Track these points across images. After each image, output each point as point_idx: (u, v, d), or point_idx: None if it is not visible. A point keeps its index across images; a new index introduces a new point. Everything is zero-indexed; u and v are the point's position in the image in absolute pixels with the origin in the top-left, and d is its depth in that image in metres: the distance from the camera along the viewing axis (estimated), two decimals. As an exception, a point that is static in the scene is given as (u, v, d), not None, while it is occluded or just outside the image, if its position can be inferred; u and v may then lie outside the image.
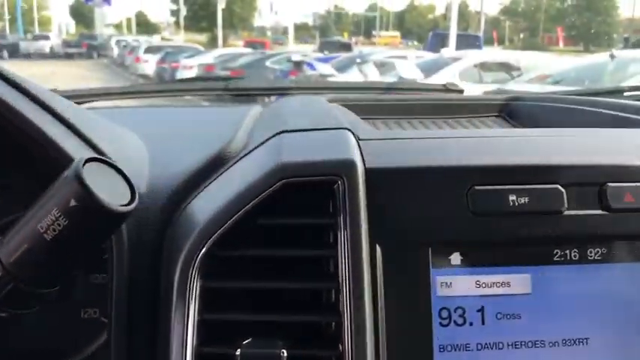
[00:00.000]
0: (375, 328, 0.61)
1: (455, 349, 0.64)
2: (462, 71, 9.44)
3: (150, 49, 21.59)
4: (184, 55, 17.83)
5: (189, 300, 0.61)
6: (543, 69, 8.58)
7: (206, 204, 0.67)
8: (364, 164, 0.65)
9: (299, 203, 0.64)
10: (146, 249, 0.66)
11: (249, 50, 21.89)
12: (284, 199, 0.64)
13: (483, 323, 0.65)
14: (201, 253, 0.62)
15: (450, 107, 1.20)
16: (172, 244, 0.65)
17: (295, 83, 1.45)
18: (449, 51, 13.12)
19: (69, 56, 30.33)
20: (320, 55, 17.05)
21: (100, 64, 26.72)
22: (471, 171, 0.65)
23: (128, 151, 0.77)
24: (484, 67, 10.10)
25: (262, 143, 0.72)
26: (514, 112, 1.21)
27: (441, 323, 0.64)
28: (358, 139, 0.70)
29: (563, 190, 0.65)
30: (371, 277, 0.62)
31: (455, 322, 0.64)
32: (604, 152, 0.69)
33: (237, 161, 0.73)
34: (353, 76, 9.82)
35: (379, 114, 1.14)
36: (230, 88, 1.41)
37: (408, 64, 10.26)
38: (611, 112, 0.97)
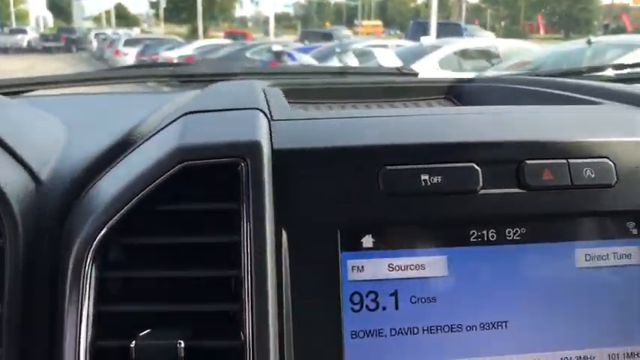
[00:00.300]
0: (280, 316, 0.58)
1: (367, 335, 0.62)
2: (441, 59, 9.43)
3: (129, 42, 21.35)
4: (164, 48, 17.66)
5: (83, 291, 0.58)
6: (522, 56, 8.60)
7: (105, 189, 0.63)
8: (271, 145, 0.62)
9: (203, 188, 0.61)
10: (44, 237, 0.63)
11: (229, 41, 21.76)
12: (188, 183, 0.61)
13: (397, 308, 0.62)
14: (96, 241, 0.58)
15: (399, 90, 1.18)
16: (69, 232, 0.62)
17: (244, 69, 1.41)
18: (429, 39, 13.09)
19: (47, 50, 29.88)
20: (300, 45, 16.97)
21: (79, 57, 26.36)
22: (382, 150, 0.62)
23: (35, 139, 0.73)
24: (464, 54, 10.10)
25: (167, 125, 0.69)
26: (461, 93, 1.19)
27: (352, 309, 0.62)
28: (270, 120, 0.67)
29: (478, 168, 0.63)
30: (276, 263, 0.59)
31: (367, 307, 0.62)
32: (523, 129, 0.67)
33: (141, 144, 0.70)
34: (332, 65, 9.78)
35: (325, 98, 1.11)
36: (176, 74, 1.37)
37: (387, 52, 10.21)
38: (553, 91, 0.95)
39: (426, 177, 0.62)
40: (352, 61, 9.74)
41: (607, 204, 0.64)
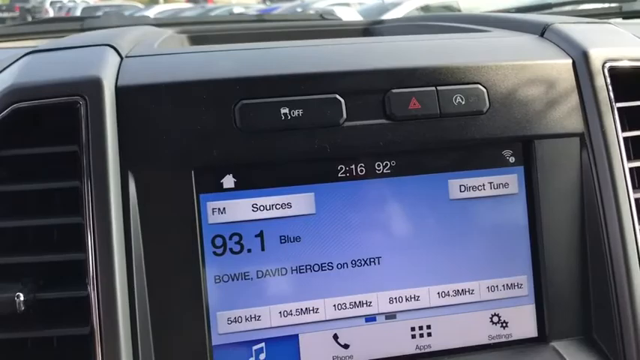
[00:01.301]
0: (130, 263, 0.55)
1: (232, 279, 0.59)
2: (404, 15, 9.33)
3: (87, 10, 20.64)
4: (123, 14, 17.09)
5: None
6: (485, 9, 8.55)
7: None
8: (116, 82, 0.57)
9: (41, 130, 0.57)
10: None
11: (190, 5, 21.18)
12: (28, 125, 0.56)
13: (263, 249, 0.60)
14: None
15: (314, 33, 1.13)
16: None
17: (154, 20, 1.34)
18: (391, -5, 12.90)
19: (1, 21, 28.80)
20: (263, 6, 16.60)
21: (35, 27, 25.37)
22: (237, 83, 0.58)
23: None
24: (426, 10, 10.00)
25: (9, 65, 0.64)
26: (373, 33, 1.15)
27: (214, 252, 0.59)
28: (122, 57, 0.62)
29: (342, 99, 0.60)
30: (123, 208, 0.55)
31: (231, 250, 0.59)
32: (389, 57, 0.63)
33: None
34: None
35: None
36: (85, 28, 1.30)
37: (349, 10, 10.06)
38: (451, 24, 0.91)
39: (286, 110, 0.58)
40: (313, 21, 9.56)
41: (480, 132, 0.61)
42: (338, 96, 0.59)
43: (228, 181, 0.59)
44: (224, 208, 0.59)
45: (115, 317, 0.53)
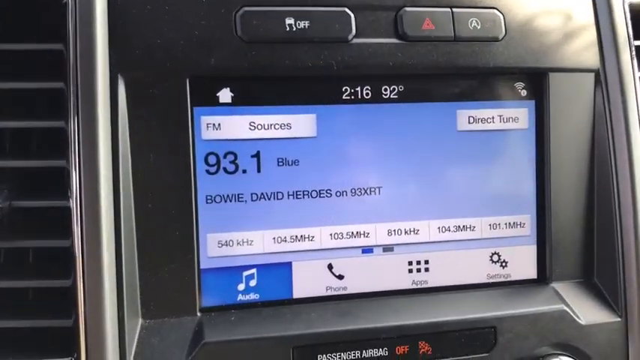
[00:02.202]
0: (116, 174, 0.51)
1: (225, 200, 0.55)
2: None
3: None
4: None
5: None
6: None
7: None
8: None
9: (25, 27, 0.52)
10: None
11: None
12: (8, 22, 0.51)
13: (259, 171, 0.56)
14: None
15: None
16: None
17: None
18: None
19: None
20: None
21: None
22: None
23: None
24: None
25: None
26: None
27: (207, 171, 0.55)
28: None
29: (351, 13, 0.56)
30: (110, 114, 0.51)
31: (225, 169, 0.55)
32: None
33: None
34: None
35: None
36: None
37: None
38: None
39: (292, 21, 0.54)
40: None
41: (494, 60, 0.58)
42: (348, 10, 0.55)
43: (225, 95, 0.55)
44: (219, 124, 0.55)
45: (99, 231, 0.49)
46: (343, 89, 0.57)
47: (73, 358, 0.49)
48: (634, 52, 0.61)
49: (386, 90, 0.58)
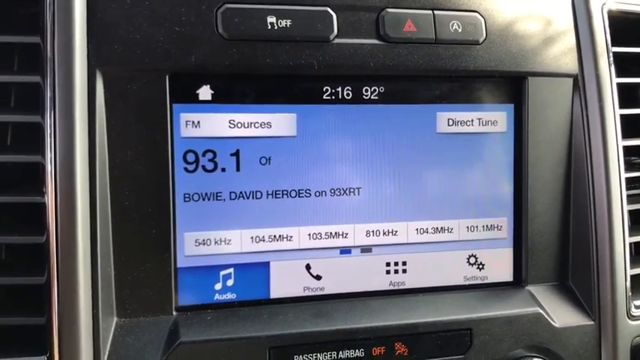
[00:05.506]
0: (92, 170, 0.50)
1: (203, 199, 0.55)
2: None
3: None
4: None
5: None
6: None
7: None
8: None
9: (1, 19, 0.51)
10: None
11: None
12: None
13: (238, 169, 0.56)
14: None
15: None
16: None
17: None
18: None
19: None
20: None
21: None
22: None
23: None
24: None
25: None
26: None
27: (185, 169, 0.55)
28: None
29: (333, 13, 0.55)
30: (88, 109, 0.50)
31: (203, 167, 0.55)
32: None
33: None
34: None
35: None
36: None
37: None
38: None
39: (273, 19, 0.54)
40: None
41: (474, 63, 0.58)
42: (330, 9, 0.55)
43: (205, 93, 0.55)
44: (199, 122, 0.54)
45: (74, 228, 0.49)
46: (324, 89, 0.57)
47: (46, 357, 0.48)
48: (612, 59, 0.62)
49: (367, 91, 0.58)
